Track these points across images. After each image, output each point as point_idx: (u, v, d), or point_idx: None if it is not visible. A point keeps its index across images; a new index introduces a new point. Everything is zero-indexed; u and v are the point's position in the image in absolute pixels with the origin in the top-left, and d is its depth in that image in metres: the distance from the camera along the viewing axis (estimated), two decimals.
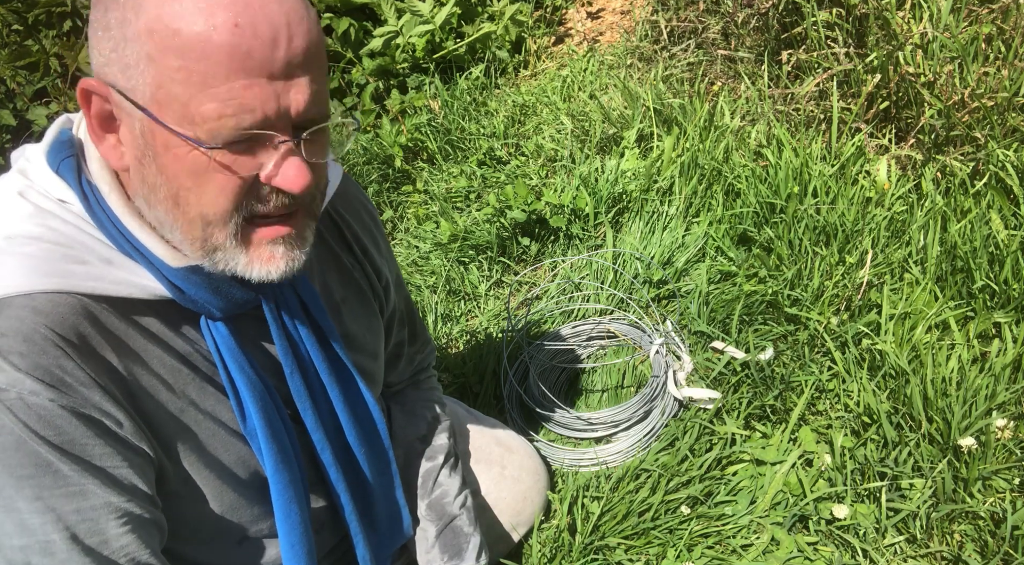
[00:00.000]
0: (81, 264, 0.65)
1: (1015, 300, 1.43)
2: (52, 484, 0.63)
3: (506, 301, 1.79)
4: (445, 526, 1.07)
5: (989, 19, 1.79)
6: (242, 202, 0.66)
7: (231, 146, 0.62)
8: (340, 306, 0.90)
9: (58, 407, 0.62)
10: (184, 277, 0.69)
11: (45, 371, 0.61)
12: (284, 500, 0.81)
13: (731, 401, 1.43)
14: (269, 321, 0.77)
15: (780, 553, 1.23)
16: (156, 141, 0.63)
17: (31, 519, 0.63)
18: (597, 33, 2.78)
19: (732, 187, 1.81)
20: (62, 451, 0.63)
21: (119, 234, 0.67)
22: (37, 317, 0.62)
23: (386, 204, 2.27)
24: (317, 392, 0.84)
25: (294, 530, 0.82)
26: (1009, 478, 1.23)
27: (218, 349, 0.74)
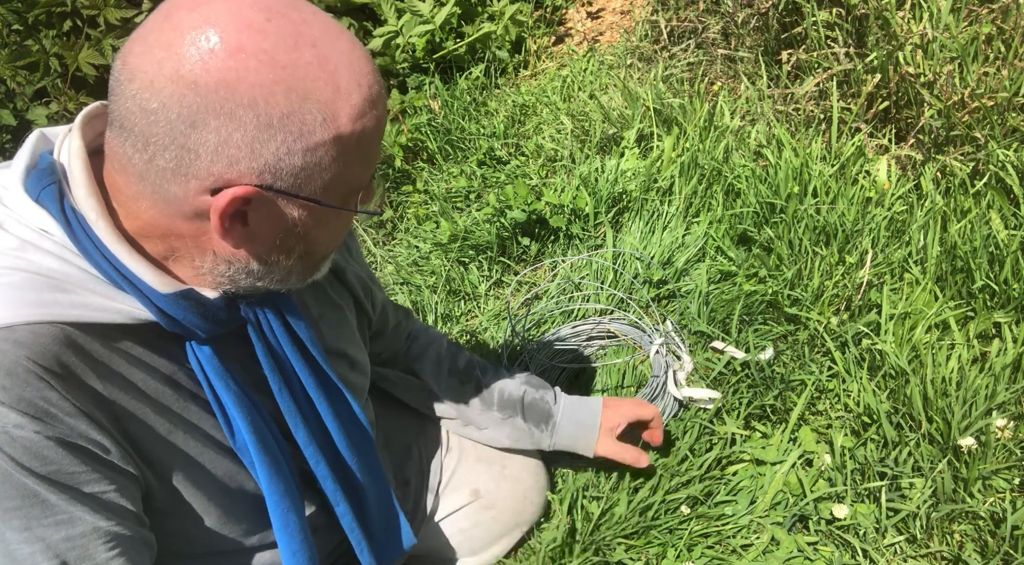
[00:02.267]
0: (63, 293, 0.65)
1: (1015, 300, 1.43)
2: (40, 514, 0.64)
3: (507, 301, 1.79)
4: (523, 409, 1.24)
5: (989, 19, 1.79)
6: None
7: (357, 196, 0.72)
8: (318, 321, 0.92)
9: (44, 438, 0.62)
10: (173, 302, 0.69)
11: (29, 403, 0.61)
12: (281, 510, 0.81)
13: (731, 401, 1.43)
14: (253, 340, 0.77)
15: (780, 553, 1.23)
16: (313, 218, 0.68)
17: (20, 549, 0.64)
18: (597, 33, 2.78)
19: (732, 187, 1.81)
20: (50, 481, 0.63)
21: (105, 262, 0.66)
22: (19, 349, 0.61)
23: (386, 204, 2.27)
24: (305, 407, 0.85)
25: (294, 538, 0.83)
26: (1009, 478, 1.23)
27: (203, 369, 0.74)
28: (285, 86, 0.60)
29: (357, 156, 0.67)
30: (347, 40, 0.64)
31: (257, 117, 0.60)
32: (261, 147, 0.61)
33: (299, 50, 0.61)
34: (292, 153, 0.62)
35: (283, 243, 0.69)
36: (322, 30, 0.63)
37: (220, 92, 0.59)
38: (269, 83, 0.59)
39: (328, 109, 0.62)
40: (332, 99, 0.62)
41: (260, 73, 0.59)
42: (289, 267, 0.72)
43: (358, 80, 0.64)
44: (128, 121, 0.61)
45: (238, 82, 0.59)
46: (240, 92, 0.59)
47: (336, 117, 0.63)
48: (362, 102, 0.65)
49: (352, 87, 0.64)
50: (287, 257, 0.71)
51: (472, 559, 1.26)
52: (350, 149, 0.65)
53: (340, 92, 0.63)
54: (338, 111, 0.63)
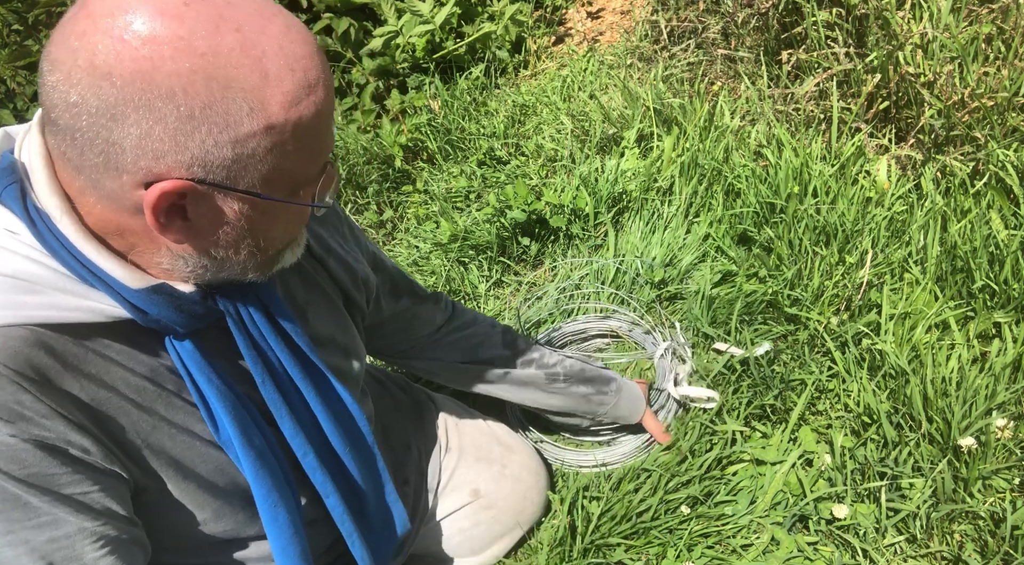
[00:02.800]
0: (32, 294, 0.64)
1: (1015, 300, 1.43)
2: (23, 517, 0.64)
3: (507, 301, 1.79)
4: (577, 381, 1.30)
5: (989, 19, 1.79)
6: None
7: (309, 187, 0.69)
8: (305, 310, 0.90)
9: (20, 441, 0.62)
10: (146, 298, 0.68)
11: (3, 407, 0.61)
12: (268, 504, 0.81)
13: (731, 401, 1.43)
14: (234, 332, 0.76)
15: (780, 553, 1.23)
16: (256, 212, 0.66)
17: (4, 552, 0.63)
18: (597, 33, 2.78)
19: (732, 187, 1.81)
20: (29, 484, 0.63)
21: (74, 260, 0.65)
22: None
23: (386, 204, 2.27)
24: (293, 397, 0.84)
25: (283, 533, 0.82)
26: (1009, 478, 1.23)
27: (184, 364, 0.73)
28: (204, 75, 0.57)
29: (297, 146, 0.64)
30: (280, 23, 0.61)
31: (177, 109, 0.57)
32: (185, 139, 0.58)
33: (220, 35, 0.57)
34: (220, 145, 0.59)
35: (228, 238, 0.67)
36: (250, 13, 0.59)
37: (136, 83, 0.56)
38: (187, 72, 0.56)
39: (255, 98, 0.59)
40: (259, 87, 0.59)
41: (176, 62, 0.56)
42: (242, 262, 0.70)
43: (290, 65, 0.61)
44: (54, 114, 0.59)
45: (154, 72, 0.56)
46: (157, 83, 0.56)
47: (265, 106, 0.60)
48: (296, 89, 0.61)
49: (283, 73, 0.60)
50: (236, 252, 0.68)
51: (472, 559, 1.26)
52: (286, 139, 0.62)
53: (268, 79, 0.59)
54: (267, 99, 0.60)
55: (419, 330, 1.19)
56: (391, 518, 1.02)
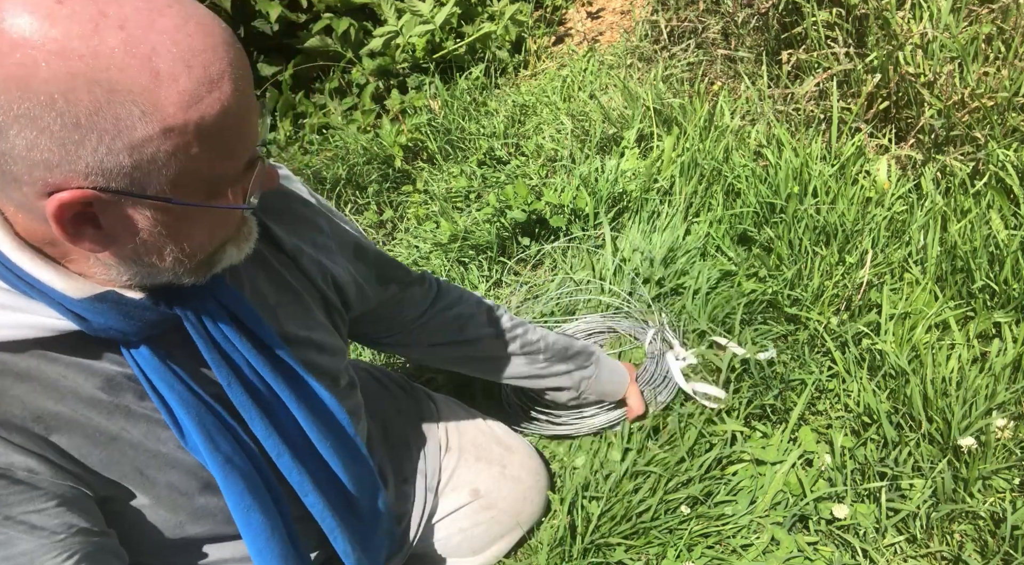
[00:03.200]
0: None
1: (1015, 300, 1.43)
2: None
3: (507, 300, 1.79)
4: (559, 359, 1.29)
5: (989, 19, 1.79)
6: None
7: (235, 187, 0.66)
8: (276, 309, 0.88)
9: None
10: (89, 307, 0.65)
11: None
12: (242, 509, 0.79)
13: (731, 401, 1.43)
14: (193, 336, 0.73)
15: (780, 553, 1.23)
16: (171, 217, 0.62)
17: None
18: (597, 33, 2.78)
19: (732, 187, 1.81)
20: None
21: (9, 272, 0.63)
22: None
23: (386, 204, 2.27)
24: (266, 397, 0.82)
25: (259, 536, 0.81)
26: (1009, 478, 1.23)
27: (142, 371, 0.70)
28: (86, 79, 0.52)
29: (206, 146, 0.59)
30: (174, 15, 0.56)
31: (60, 117, 0.53)
32: (76, 148, 0.54)
33: (100, 35, 0.52)
34: (114, 152, 0.55)
35: (148, 245, 0.63)
36: (137, 7, 0.54)
37: (12, 92, 0.52)
38: (65, 78, 0.52)
39: (146, 100, 0.54)
40: (150, 88, 0.54)
41: (52, 67, 0.51)
42: (171, 268, 0.67)
43: (186, 61, 0.55)
44: None
45: (28, 79, 0.51)
46: (34, 90, 0.52)
47: (159, 108, 0.55)
48: (194, 86, 0.56)
49: (177, 71, 0.55)
50: (160, 259, 0.65)
51: (472, 559, 1.26)
52: (190, 141, 0.58)
53: (161, 79, 0.55)
54: (161, 101, 0.55)
55: (407, 314, 1.16)
56: (381, 512, 1.00)
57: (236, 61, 0.60)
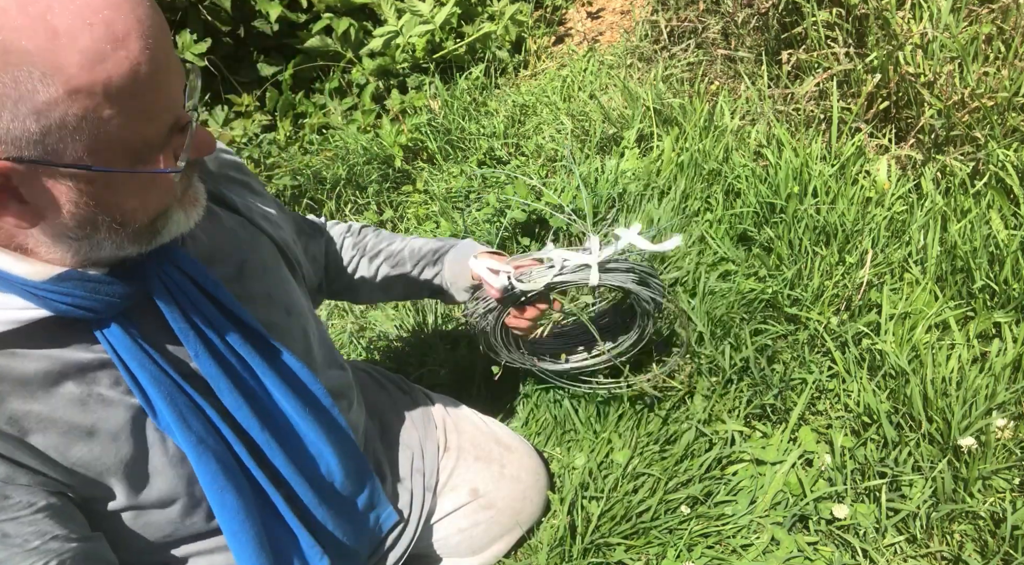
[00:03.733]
0: None
1: (1015, 300, 1.43)
2: None
3: None
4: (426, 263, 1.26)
5: (989, 19, 1.79)
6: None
7: (164, 151, 0.63)
8: (241, 270, 0.87)
9: None
10: (53, 289, 0.64)
11: None
12: (215, 489, 0.78)
13: (731, 400, 1.43)
14: (160, 305, 0.72)
15: (780, 553, 1.23)
16: (96, 186, 0.60)
17: None
18: (597, 33, 2.78)
19: (732, 187, 1.81)
20: None
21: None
22: None
23: (386, 204, 2.27)
24: (237, 369, 0.80)
25: (233, 517, 0.79)
26: (1009, 478, 1.23)
27: (115, 351, 0.69)
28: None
29: (119, 109, 0.56)
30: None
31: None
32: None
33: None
34: (19, 118, 0.53)
35: (78, 217, 0.61)
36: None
37: None
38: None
39: (45, 61, 0.52)
40: (48, 48, 0.51)
41: None
42: (110, 239, 0.64)
43: (86, 18, 0.52)
44: None
45: None
46: None
47: (61, 68, 0.52)
48: (96, 44, 0.53)
49: (77, 29, 0.52)
50: (94, 230, 0.62)
51: (472, 559, 1.26)
52: (99, 103, 0.55)
53: (59, 37, 0.52)
54: (61, 61, 0.52)
55: (318, 262, 1.18)
56: (367, 482, 0.99)
57: (146, 19, 0.56)
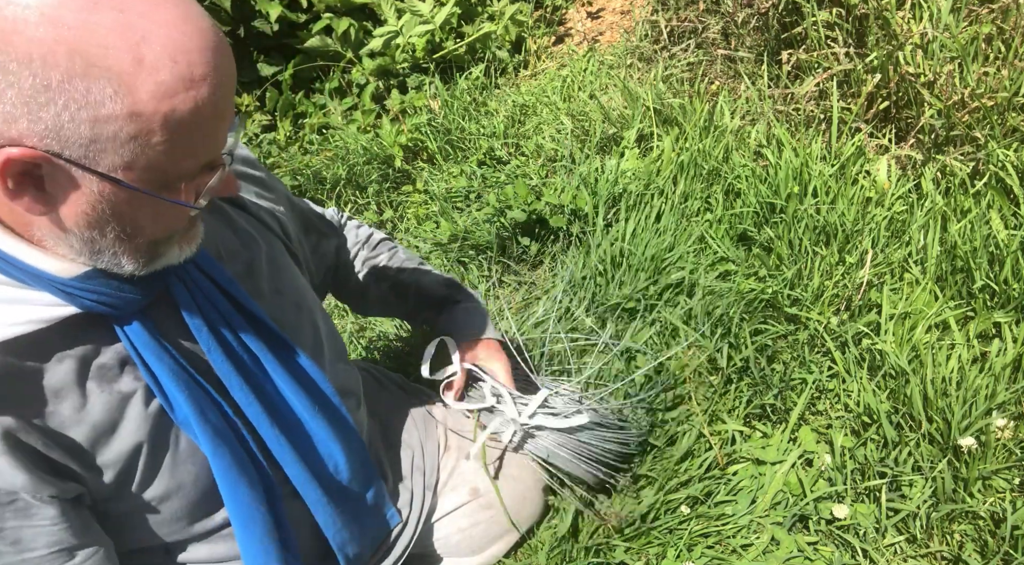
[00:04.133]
0: None
1: (1015, 300, 1.43)
2: None
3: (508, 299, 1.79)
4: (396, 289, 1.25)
5: (989, 19, 1.79)
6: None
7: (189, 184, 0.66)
8: (250, 267, 0.89)
9: None
10: (80, 286, 0.66)
11: None
12: (228, 481, 0.79)
13: (731, 400, 1.43)
14: (179, 301, 0.75)
15: (780, 553, 1.23)
16: (118, 198, 0.62)
17: None
18: (597, 33, 2.78)
19: (732, 187, 1.81)
20: None
21: (2, 261, 0.64)
22: None
23: (386, 204, 2.27)
24: (249, 366, 0.82)
25: (244, 509, 0.81)
26: (1009, 478, 1.23)
27: (134, 347, 0.71)
28: (68, 48, 0.54)
29: (169, 139, 0.60)
30: (174, 11, 0.58)
31: (33, 76, 0.54)
32: (39, 109, 0.55)
33: (98, 12, 0.54)
34: (77, 121, 0.56)
35: (90, 218, 0.63)
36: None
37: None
38: (50, 41, 0.53)
39: (122, 81, 0.56)
40: (129, 71, 0.56)
41: (40, 29, 0.53)
42: (111, 248, 0.66)
43: (173, 55, 0.57)
44: None
45: (13, 34, 0.53)
46: (15, 46, 0.53)
47: (132, 91, 0.57)
48: (173, 80, 0.58)
49: (162, 62, 0.57)
50: (101, 234, 0.65)
51: (472, 558, 1.26)
52: (154, 130, 0.59)
53: (143, 65, 0.56)
54: (136, 85, 0.56)
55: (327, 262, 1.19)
56: (372, 481, 1.00)
57: (222, 68, 0.61)
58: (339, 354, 1.08)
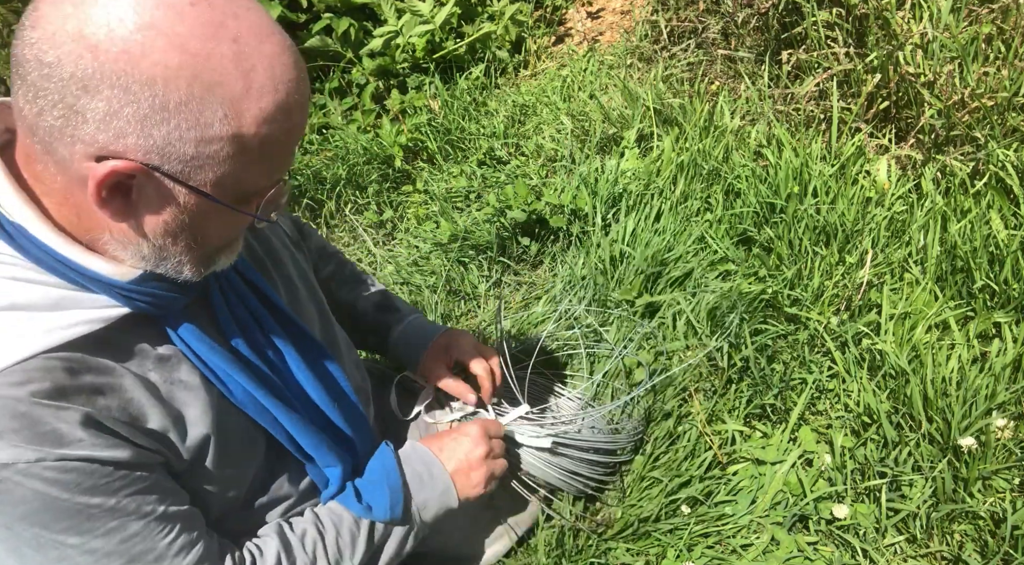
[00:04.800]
0: (27, 323, 0.66)
1: (1015, 300, 1.43)
2: (91, 528, 0.69)
3: (508, 300, 1.79)
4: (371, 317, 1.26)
5: (989, 19, 1.79)
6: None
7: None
8: (277, 270, 0.96)
9: (67, 462, 0.66)
10: (136, 288, 0.70)
11: (41, 437, 0.64)
12: (308, 435, 0.87)
13: (731, 400, 1.43)
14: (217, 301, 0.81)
15: (780, 553, 1.23)
16: (199, 209, 0.67)
17: (84, 559, 0.69)
18: (597, 33, 2.78)
19: (732, 187, 1.81)
20: (87, 498, 0.68)
21: (62, 266, 0.67)
22: (14, 390, 0.64)
23: (386, 204, 2.27)
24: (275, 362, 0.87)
25: (327, 455, 0.90)
26: (1009, 478, 1.23)
27: (186, 343, 0.76)
28: (190, 73, 0.58)
29: (257, 159, 0.66)
30: (276, 43, 0.63)
31: (153, 97, 0.58)
32: (152, 128, 0.59)
33: (216, 41, 0.59)
34: (184, 141, 0.61)
35: (168, 226, 0.67)
36: (251, 28, 0.61)
37: (120, 63, 0.57)
38: (174, 66, 0.58)
39: (233, 106, 0.61)
40: (239, 97, 0.61)
41: (166, 54, 0.57)
42: (178, 255, 0.71)
43: (275, 85, 0.63)
44: (23, 68, 0.59)
45: (141, 58, 0.57)
46: (141, 68, 0.57)
47: (240, 116, 0.62)
48: (273, 108, 0.63)
49: (267, 89, 0.62)
50: (174, 242, 0.69)
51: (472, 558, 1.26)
52: (250, 151, 0.64)
53: (251, 91, 0.62)
54: (243, 110, 0.62)
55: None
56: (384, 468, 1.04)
57: (307, 99, 0.68)
58: (355, 360, 1.12)
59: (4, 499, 0.64)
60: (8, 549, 0.67)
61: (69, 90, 0.58)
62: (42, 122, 0.60)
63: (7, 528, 0.66)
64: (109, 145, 0.60)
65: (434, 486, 1.00)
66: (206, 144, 0.62)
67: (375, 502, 0.95)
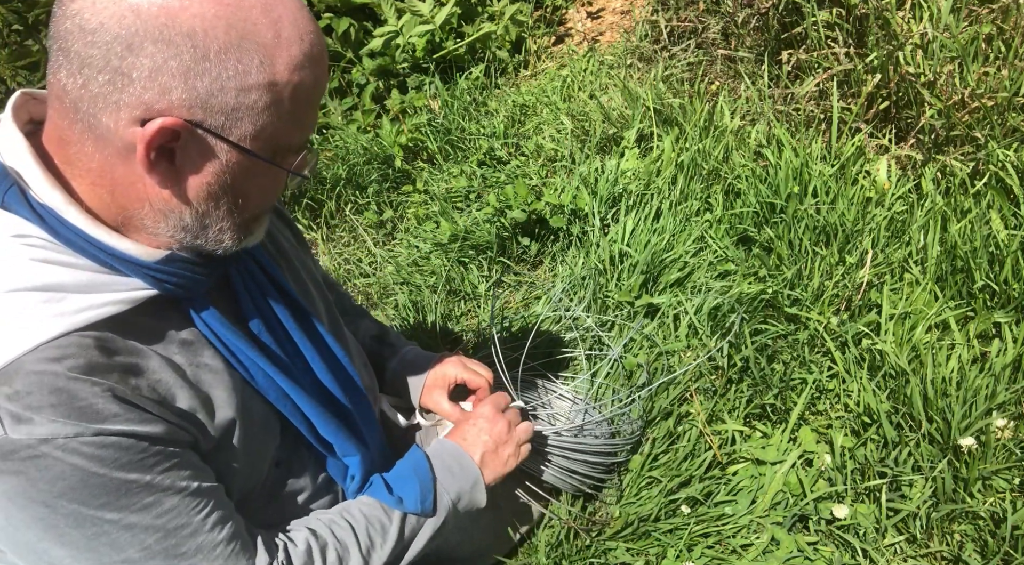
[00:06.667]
0: (65, 302, 0.66)
1: (1015, 300, 1.43)
2: (128, 503, 0.69)
3: (508, 300, 1.79)
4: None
5: (989, 19, 1.79)
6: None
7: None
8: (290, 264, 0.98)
9: (104, 437, 0.66)
10: (162, 269, 0.72)
11: (79, 411, 0.64)
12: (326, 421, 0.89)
13: (731, 400, 1.43)
14: (238, 287, 0.83)
15: (780, 553, 1.23)
16: (240, 167, 0.69)
17: (122, 536, 0.70)
18: (597, 33, 2.78)
19: (732, 187, 1.81)
20: (125, 473, 0.68)
21: (91, 246, 0.68)
22: (51, 365, 0.64)
23: (386, 204, 2.27)
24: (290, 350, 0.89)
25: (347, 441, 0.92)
26: (1009, 478, 1.23)
27: (209, 327, 0.77)
28: (226, 22, 0.61)
29: (290, 110, 0.68)
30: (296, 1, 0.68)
31: (195, 47, 0.61)
32: (195, 79, 0.62)
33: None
34: (225, 90, 0.63)
35: (211, 189, 0.69)
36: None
37: (160, 18, 0.59)
38: (211, 16, 0.61)
39: (266, 53, 0.64)
40: (272, 44, 0.64)
41: (203, 6, 0.60)
42: (220, 222, 0.72)
43: (300, 34, 0.66)
44: (66, 43, 0.61)
45: (180, 11, 0.60)
46: (181, 20, 0.60)
47: (273, 62, 0.64)
48: (301, 55, 0.66)
49: (293, 38, 0.66)
50: (216, 206, 0.71)
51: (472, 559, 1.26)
52: (283, 100, 0.67)
53: (281, 39, 0.65)
54: (276, 57, 0.64)
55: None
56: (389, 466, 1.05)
57: (325, 51, 0.71)
58: (364, 360, 1.14)
59: (43, 476, 0.64)
60: (46, 527, 0.67)
61: (114, 52, 0.60)
62: (87, 93, 0.61)
63: (45, 505, 0.66)
64: (154, 104, 0.61)
65: (465, 477, 1.01)
66: (245, 93, 0.64)
67: (406, 494, 0.95)
